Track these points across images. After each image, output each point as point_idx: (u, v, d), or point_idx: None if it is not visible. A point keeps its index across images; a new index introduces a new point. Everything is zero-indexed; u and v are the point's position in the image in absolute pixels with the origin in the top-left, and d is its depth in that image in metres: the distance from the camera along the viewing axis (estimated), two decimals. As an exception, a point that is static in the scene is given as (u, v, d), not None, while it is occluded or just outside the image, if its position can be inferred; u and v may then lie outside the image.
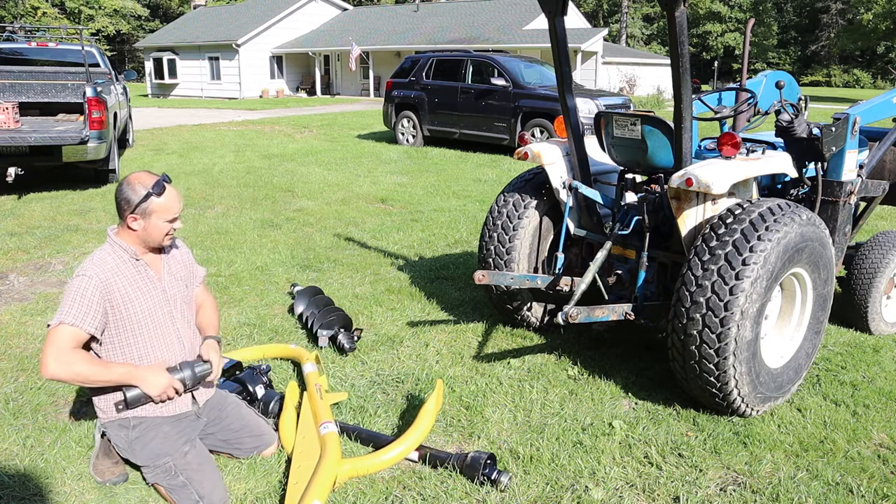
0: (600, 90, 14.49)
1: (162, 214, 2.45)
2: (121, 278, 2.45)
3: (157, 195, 2.42)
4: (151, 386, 2.43)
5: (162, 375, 2.46)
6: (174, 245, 2.70)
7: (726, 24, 55.00)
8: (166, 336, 2.56)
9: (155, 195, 2.41)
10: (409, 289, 4.84)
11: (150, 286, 2.52)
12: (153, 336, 2.52)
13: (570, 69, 3.60)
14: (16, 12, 42.65)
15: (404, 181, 9.37)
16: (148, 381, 2.42)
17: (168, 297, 2.58)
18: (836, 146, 3.50)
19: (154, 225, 2.46)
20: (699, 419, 3.07)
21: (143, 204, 2.41)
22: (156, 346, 2.53)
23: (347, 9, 36.51)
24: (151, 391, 2.43)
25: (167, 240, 2.55)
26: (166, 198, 2.45)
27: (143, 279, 2.51)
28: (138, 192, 2.41)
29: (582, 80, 25.74)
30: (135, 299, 2.46)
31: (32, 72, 9.28)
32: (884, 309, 4.11)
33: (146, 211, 2.42)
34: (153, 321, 2.52)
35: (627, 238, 3.53)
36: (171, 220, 2.49)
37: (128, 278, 2.47)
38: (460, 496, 2.51)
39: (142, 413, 2.50)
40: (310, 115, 20.47)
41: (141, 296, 2.48)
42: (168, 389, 2.46)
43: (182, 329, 2.62)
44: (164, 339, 2.55)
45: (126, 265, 2.48)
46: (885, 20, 38.07)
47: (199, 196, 8.11)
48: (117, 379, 2.40)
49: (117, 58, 50.73)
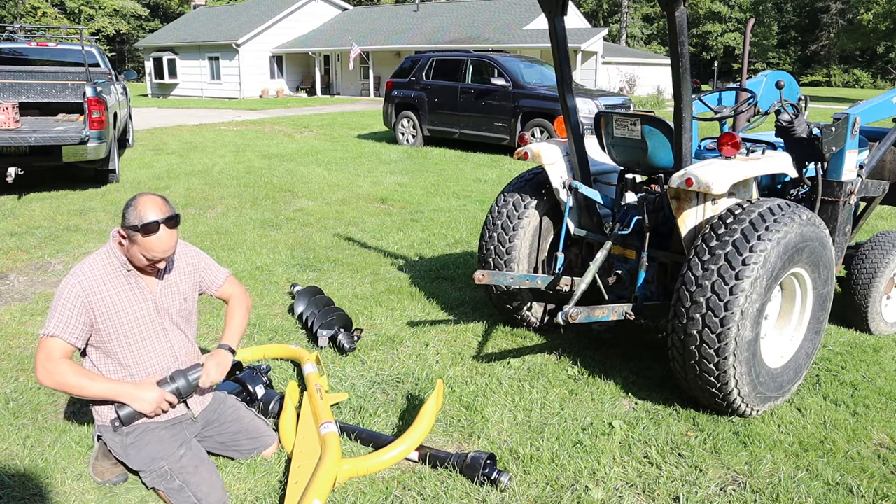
0: (600, 90, 14.49)
1: (143, 251, 2.36)
2: (107, 287, 2.42)
3: (142, 234, 2.31)
4: (141, 403, 2.40)
5: (151, 391, 2.42)
6: (174, 260, 2.61)
7: (726, 24, 54.96)
8: (157, 347, 2.53)
9: (140, 233, 2.31)
10: (409, 289, 4.84)
11: (139, 297, 2.47)
12: (142, 347, 2.49)
13: (570, 69, 3.60)
14: (16, 12, 42.65)
15: (404, 181, 9.37)
16: (137, 399, 2.40)
17: (160, 310, 2.53)
18: (836, 146, 3.50)
19: (135, 254, 2.39)
20: (699, 419, 3.07)
21: (131, 231, 2.33)
22: (145, 357, 2.50)
23: (347, 9, 36.50)
24: (142, 408, 2.40)
25: (150, 269, 2.47)
26: (152, 240, 2.33)
27: (132, 289, 2.46)
28: (133, 217, 2.32)
29: (582, 80, 25.75)
30: (121, 309, 2.43)
31: (32, 72, 9.27)
32: (884, 309, 4.11)
33: (131, 238, 2.35)
34: (141, 332, 2.48)
35: (627, 238, 3.53)
36: (151, 259, 2.39)
37: (115, 287, 2.43)
38: (460, 496, 2.51)
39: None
40: (310, 115, 20.47)
41: (128, 306, 2.44)
42: (161, 404, 2.43)
43: (176, 341, 2.59)
44: (154, 351, 2.52)
45: (116, 274, 2.45)
46: (885, 20, 38.08)
47: (199, 196, 8.11)
48: (104, 394, 2.39)
49: (117, 58, 50.73)
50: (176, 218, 2.40)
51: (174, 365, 2.57)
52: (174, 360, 2.57)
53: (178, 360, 2.58)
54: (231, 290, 2.82)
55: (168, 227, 2.37)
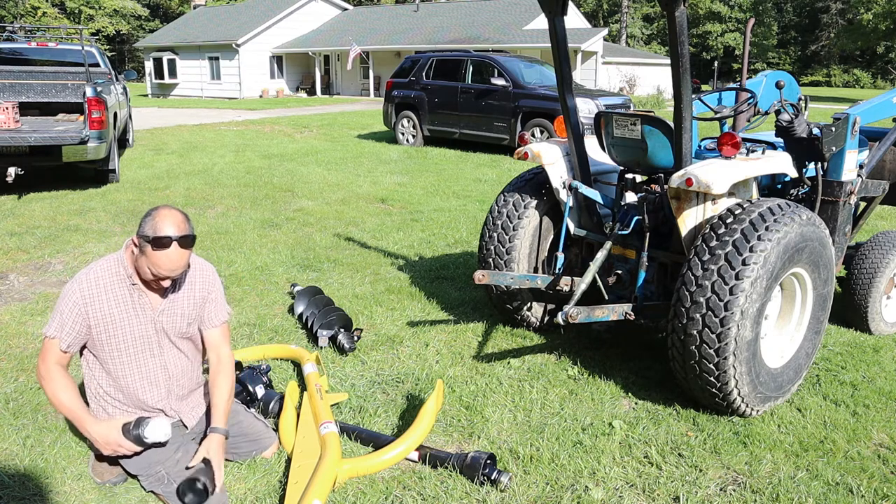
0: (600, 90, 14.49)
1: (150, 264, 2.32)
2: (108, 298, 2.40)
3: (153, 247, 2.28)
4: (99, 442, 2.39)
5: (111, 432, 2.38)
6: (184, 281, 2.55)
7: (726, 24, 54.96)
8: (148, 363, 2.51)
9: (151, 246, 2.28)
10: (409, 289, 4.84)
11: (139, 313, 2.45)
12: (133, 361, 2.48)
13: (570, 69, 3.60)
14: (16, 12, 42.65)
15: (404, 181, 9.37)
16: (93, 434, 2.39)
17: (158, 329, 2.50)
18: (836, 146, 3.50)
19: (142, 266, 2.35)
20: (699, 419, 3.07)
21: (143, 241, 2.30)
22: (134, 371, 2.49)
23: (347, 9, 36.50)
24: (99, 447, 2.41)
25: (155, 285, 2.43)
26: (161, 255, 2.29)
27: (133, 304, 2.44)
28: (149, 228, 2.29)
29: (582, 80, 25.74)
30: (118, 322, 2.42)
31: (32, 72, 9.27)
32: (884, 309, 4.11)
33: (142, 248, 2.32)
34: (135, 347, 2.47)
35: (627, 238, 3.53)
36: (156, 275, 2.35)
37: (116, 299, 2.41)
38: (460, 496, 2.51)
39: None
40: (310, 115, 20.46)
41: (126, 320, 2.43)
42: (116, 448, 2.40)
43: (171, 359, 2.56)
44: (144, 366, 2.51)
45: (120, 285, 2.42)
46: (885, 20, 38.06)
47: (199, 196, 8.11)
48: (69, 417, 2.41)
49: (117, 58, 50.75)
50: (191, 238, 2.35)
51: (165, 382, 2.55)
52: (166, 377, 2.56)
53: (170, 377, 2.57)
54: (217, 343, 2.65)
55: (181, 246, 2.31)
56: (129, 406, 2.53)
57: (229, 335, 2.75)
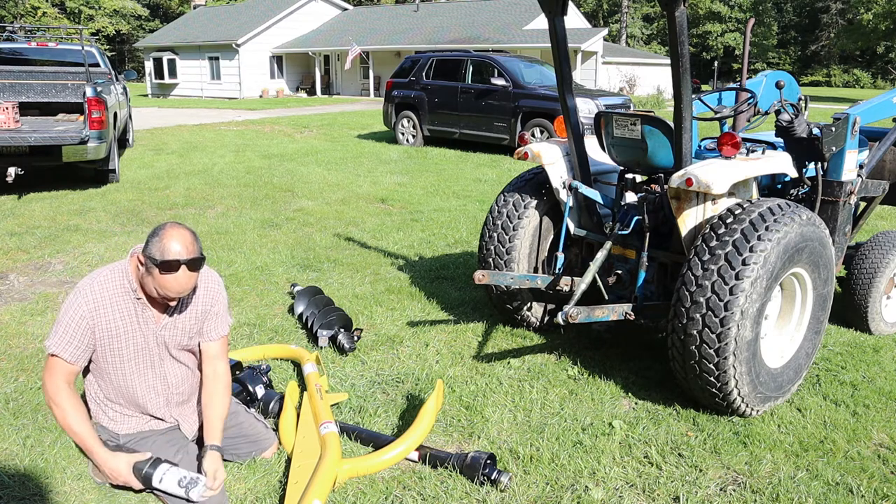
0: (600, 90, 14.49)
1: (157, 285, 2.30)
2: (113, 310, 2.39)
3: (160, 270, 2.26)
4: (106, 473, 2.40)
5: (121, 466, 2.37)
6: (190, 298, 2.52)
7: (726, 24, 54.96)
8: (148, 374, 2.52)
9: (158, 269, 2.25)
10: (409, 289, 4.84)
11: (142, 327, 2.44)
12: (134, 372, 2.48)
13: (570, 69, 3.60)
14: (16, 12, 42.65)
15: (404, 181, 9.37)
16: (104, 465, 2.39)
17: (159, 342, 2.50)
18: (836, 146, 3.50)
19: (147, 284, 2.33)
20: (699, 419, 3.07)
21: (150, 262, 2.28)
22: (136, 381, 2.50)
23: (347, 9, 36.50)
24: (107, 476, 2.41)
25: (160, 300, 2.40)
26: (168, 279, 2.27)
27: (136, 318, 2.43)
28: (156, 249, 2.25)
29: (582, 80, 25.74)
30: (122, 335, 2.41)
31: (32, 72, 9.27)
32: (884, 309, 4.11)
33: (148, 268, 2.29)
34: (137, 358, 2.47)
35: (627, 238, 3.53)
36: (163, 296, 2.33)
37: (120, 312, 2.40)
38: (460, 496, 2.51)
39: (131, 430, 2.53)
40: (310, 115, 20.46)
41: (129, 333, 2.42)
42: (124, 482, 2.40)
43: (171, 371, 2.56)
44: (145, 377, 2.51)
45: (124, 297, 2.41)
46: (885, 20, 38.06)
47: (199, 196, 8.11)
48: (79, 444, 2.41)
49: (117, 58, 50.75)
50: (200, 261, 2.32)
51: (164, 391, 2.56)
52: (165, 387, 2.57)
53: (169, 387, 2.57)
54: (214, 356, 2.62)
55: (189, 270, 2.29)
56: (130, 410, 2.54)
57: (227, 349, 2.72)
